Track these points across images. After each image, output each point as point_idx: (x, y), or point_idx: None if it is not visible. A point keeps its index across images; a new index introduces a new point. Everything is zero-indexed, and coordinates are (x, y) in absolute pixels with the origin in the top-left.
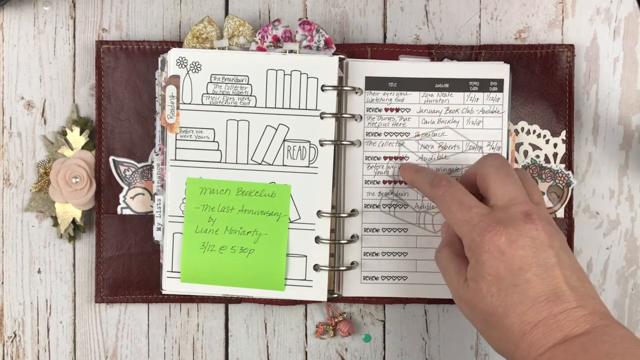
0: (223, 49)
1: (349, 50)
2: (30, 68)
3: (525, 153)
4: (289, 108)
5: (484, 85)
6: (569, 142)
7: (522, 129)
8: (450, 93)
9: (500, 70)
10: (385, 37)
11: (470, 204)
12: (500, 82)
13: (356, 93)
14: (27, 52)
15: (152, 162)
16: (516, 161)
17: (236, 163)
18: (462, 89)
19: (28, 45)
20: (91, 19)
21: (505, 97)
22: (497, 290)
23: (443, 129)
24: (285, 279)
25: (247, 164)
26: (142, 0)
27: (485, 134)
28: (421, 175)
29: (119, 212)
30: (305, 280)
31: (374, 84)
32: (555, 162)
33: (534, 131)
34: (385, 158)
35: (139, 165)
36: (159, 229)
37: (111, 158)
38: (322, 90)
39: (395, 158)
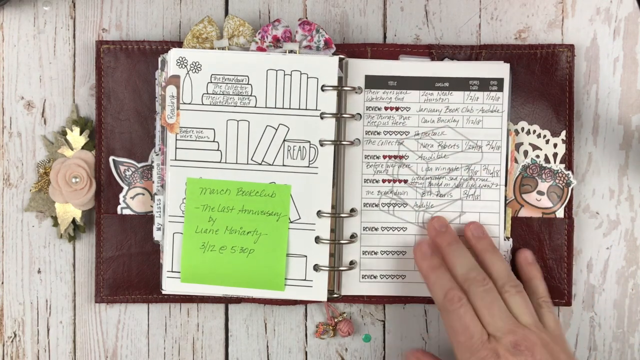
0: (223, 49)
1: (349, 50)
2: (30, 68)
3: (525, 153)
4: (289, 108)
5: (484, 84)
6: (569, 142)
7: (522, 129)
8: (450, 92)
9: (500, 69)
10: (385, 37)
11: (474, 330)
12: (500, 82)
13: (356, 92)
14: (27, 52)
15: (152, 162)
16: (516, 161)
17: (236, 163)
18: (462, 88)
19: (28, 45)
20: (91, 19)
21: (505, 97)
22: None
23: (443, 128)
24: (285, 279)
25: (247, 164)
26: (142, 0)
27: (485, 133)
28: (438, 278)
29: (119, 212)
30: (305, 280)
31: (374, 82)
32: (555, 162)
33: (534, 131)
34: (384, 157)
35: (139, 165)
36: (159, 229)
37: (111, 158)
38: (322, 90)
39: (395, 157)
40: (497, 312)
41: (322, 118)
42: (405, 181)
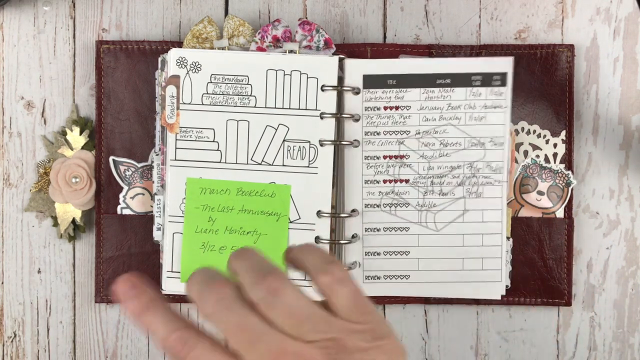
0: (223, 49)
1: (349, 50)
2: (30, 68)
3: (525, 153)
4: (289, 108)
5: (487, 79)
6: (569, 142)
7: (522, 128)
8: (452, 89)
9: (503, 64)
10: (385, 37)
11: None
12: (503, 76)
13: (354, 92)
14: (27, 52)
15: (152, 162)
16: (516, 161)
17: (236, 163)
18: (465, 84)
19: (28, 45)
20: (91, 19)
21: (509, 92)
22: None
23: (444, 125)
24: None
25: (247, 164)
26: (142, 0)
27: (488, 130)
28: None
29: (118, 212)
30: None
31: (372, 82)
32: (555, 162)
33: (534, 131)
34: (385, 157)
35: (139, 165)
36: (158, 229)
37: (111, 158)
38: (322, 90)
39: (396, 157)
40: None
41: (322, 118)
42: (407, 181)
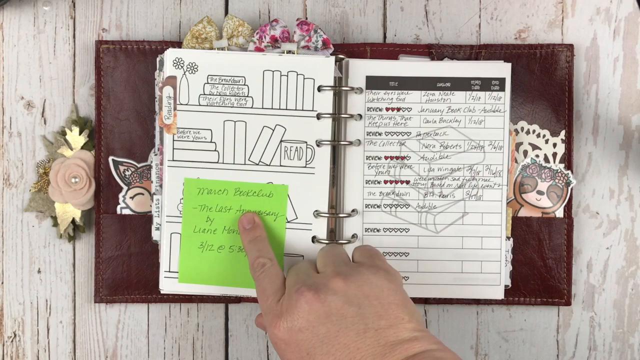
0: (222, 49)
1: (349, 50)
2: (30, 68)
3: (525, 153)
4: (286, 109)
5: (486, 84)
6: (569, 141)
7: (522, 128)
8: (452, 92)
9: (501, 69)
10: (385, 37)
11: (269, 293)
12: (502, 81)
13: (356, 92)
14: (27, 52)
15: (152, 162)
16: (516, 161)
17: (233, 163)
18: (464, 88)
19: (28, 45)
20: (91, 19)
21: (507, 96)
22: None
23: (445, 128)
24: None
25: (245, 164)
26: (142, 0)
27: (487, 133)
28: (249, 251)
29: (118, 212)
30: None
31: (375, 83)
32: (554, 162)
33: (534, 131)
34: (386, 158)
35: (139, 165)
36: (157, 228)
37: (111, 158)
38: (319, 90)
39: (397, 158)
40: (296, 271)
41: (318, 118)
42: (407, 182)
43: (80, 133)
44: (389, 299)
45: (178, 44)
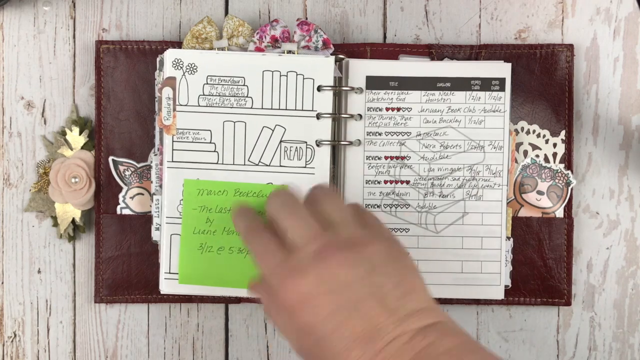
0: (222, 49)
1: (349, 50)
2: (30, 68)
3: (525, 153)
4: (285, 109)
5: (486, 84)
6: (569, 141)
7: (522, 128)
8: (452, 92)
9: (501, 69)
10: (385, 37)
11: (274, 248)
12: (502, 81)
13: (356, 92)
14: (27, 52)
15: (151, 162)
16: (516, 161)
17: (233, 164)
18: (464, 88)
19: (28, 45)
20: (91, 19)
21: (507, 97)
22: (302, 344)
23: (445, 128)
24: None
25: (244, 165)
26: (142, 0)
27: (487, 133)
28: (240, 220)
29: (118, 212)
30: None
31: (375, 83)
32: (554, 162)
33: (534, 131)
34: (386, 158)
35: (139, 165)
36: (157, 229)
37: (111, 158)
38: (319, 90)
39: (397, 158)
40: (297, 222)
41: (318, 118)
42: (408, 182)
43: (80, 133)
44: (409, 264)
45: (178, 44)
